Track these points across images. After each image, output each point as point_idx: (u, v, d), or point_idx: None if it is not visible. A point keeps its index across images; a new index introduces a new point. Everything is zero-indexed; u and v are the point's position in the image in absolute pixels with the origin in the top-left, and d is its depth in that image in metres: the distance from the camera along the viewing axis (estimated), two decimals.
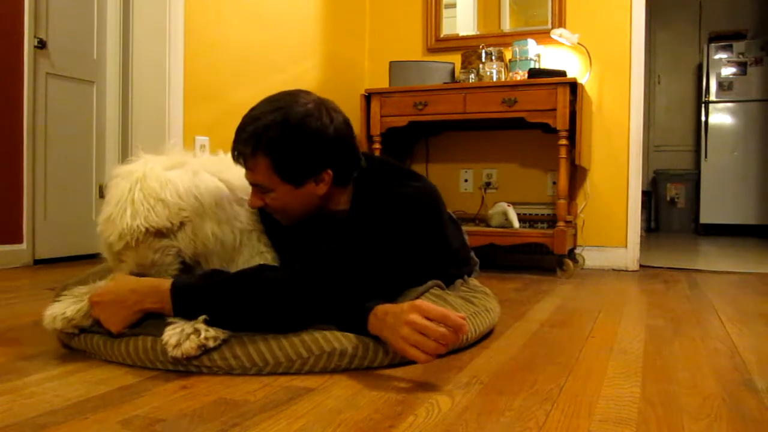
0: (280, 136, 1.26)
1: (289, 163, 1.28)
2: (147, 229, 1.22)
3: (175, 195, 1.26)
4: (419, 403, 1.01)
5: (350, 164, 1.37)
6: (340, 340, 1.21)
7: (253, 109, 1.31)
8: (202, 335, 1.14)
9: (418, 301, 1.17)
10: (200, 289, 1.21)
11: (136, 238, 1.23)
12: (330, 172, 1.32)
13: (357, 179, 1.41)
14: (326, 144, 1.29)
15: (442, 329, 1.12)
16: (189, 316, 1.18)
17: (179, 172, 1.32)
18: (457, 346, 1.35)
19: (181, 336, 1.14)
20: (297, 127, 1.26)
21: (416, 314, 1.13)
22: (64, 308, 1.27)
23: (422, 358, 1.13)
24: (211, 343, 1.15)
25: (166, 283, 1.22)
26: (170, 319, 1.19)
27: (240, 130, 1.29)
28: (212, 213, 1.32)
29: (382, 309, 1.21)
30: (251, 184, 1.34)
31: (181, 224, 1.27)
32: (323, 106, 1.31)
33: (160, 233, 1.25)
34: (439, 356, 1.20)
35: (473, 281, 1.72)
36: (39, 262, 2.81)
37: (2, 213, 2.68)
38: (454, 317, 1.13)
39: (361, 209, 1.37)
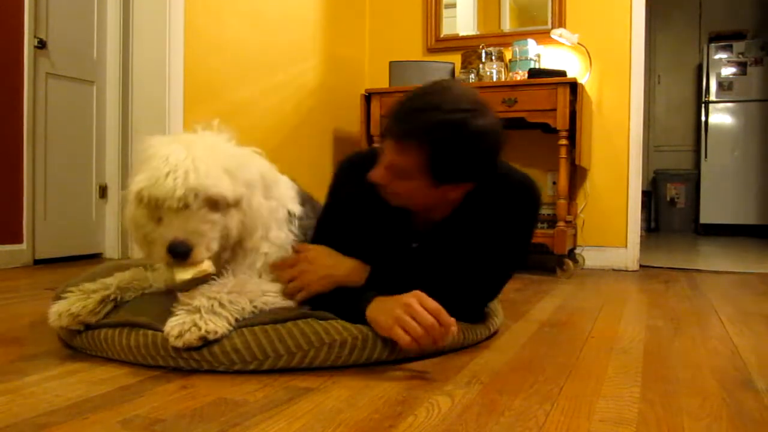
0: (450, 140, 1.18)
1: (445, 167, 1.22)
2: (210, 197, 1.18)
3: (239, 168, 1.26)
4: (419, 403, 1.01)
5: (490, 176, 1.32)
6: (341, 332, 1.22)
7: (432, 93, 1.22)
8: (203, 328, 1.16)
9: (418, 291, 1.21)
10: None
11: (187, 203, 1.17)
12: (473, 184, 1.29)
13: None
14: (485, 163, 1.25)
15: (432, 320, 1.16)
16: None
17: (235, 147, 1.33)
18: (452, 347, 1.34)
19: (182, 328, 1.16)
20: (470, 140, 1.19)
21: (414, 299, 1.19)
22: (70, 305, 1.27)
23: (405, 340, 1.16)
24: (211, 336, 1.16)
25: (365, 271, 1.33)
26: (174, 311, 1.20)
27: (410, 110, 1.21)
28: (260, 189, 1.33)
29: (386, 296, 1.24)
30: (386, 162, 1.25)
31: (238, 200, 1.24)
32: (498, 125, 1.24)
33: (215, 205, 1.20)
34: (425, 356, 1.26)
35: None
36: (39, 262, 2.81)
37: (2, 213, 2.67)
38: (447, 316, 1.18)
39: (479, 205, 1.35)
